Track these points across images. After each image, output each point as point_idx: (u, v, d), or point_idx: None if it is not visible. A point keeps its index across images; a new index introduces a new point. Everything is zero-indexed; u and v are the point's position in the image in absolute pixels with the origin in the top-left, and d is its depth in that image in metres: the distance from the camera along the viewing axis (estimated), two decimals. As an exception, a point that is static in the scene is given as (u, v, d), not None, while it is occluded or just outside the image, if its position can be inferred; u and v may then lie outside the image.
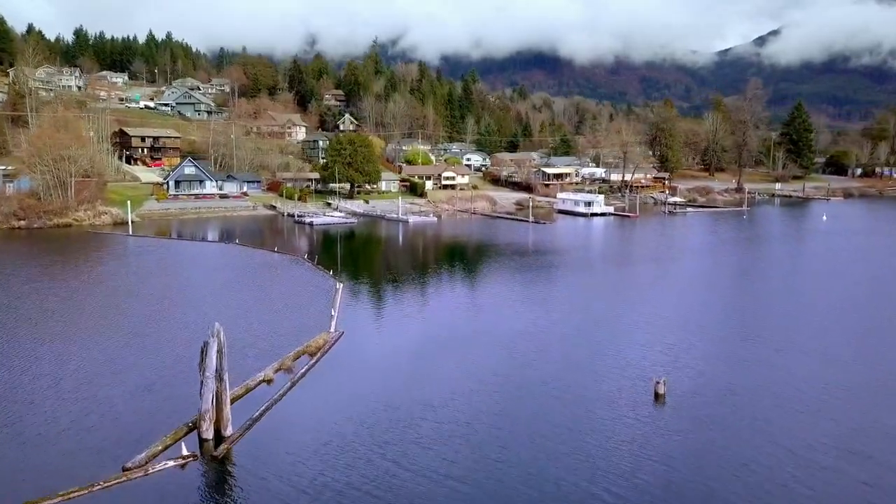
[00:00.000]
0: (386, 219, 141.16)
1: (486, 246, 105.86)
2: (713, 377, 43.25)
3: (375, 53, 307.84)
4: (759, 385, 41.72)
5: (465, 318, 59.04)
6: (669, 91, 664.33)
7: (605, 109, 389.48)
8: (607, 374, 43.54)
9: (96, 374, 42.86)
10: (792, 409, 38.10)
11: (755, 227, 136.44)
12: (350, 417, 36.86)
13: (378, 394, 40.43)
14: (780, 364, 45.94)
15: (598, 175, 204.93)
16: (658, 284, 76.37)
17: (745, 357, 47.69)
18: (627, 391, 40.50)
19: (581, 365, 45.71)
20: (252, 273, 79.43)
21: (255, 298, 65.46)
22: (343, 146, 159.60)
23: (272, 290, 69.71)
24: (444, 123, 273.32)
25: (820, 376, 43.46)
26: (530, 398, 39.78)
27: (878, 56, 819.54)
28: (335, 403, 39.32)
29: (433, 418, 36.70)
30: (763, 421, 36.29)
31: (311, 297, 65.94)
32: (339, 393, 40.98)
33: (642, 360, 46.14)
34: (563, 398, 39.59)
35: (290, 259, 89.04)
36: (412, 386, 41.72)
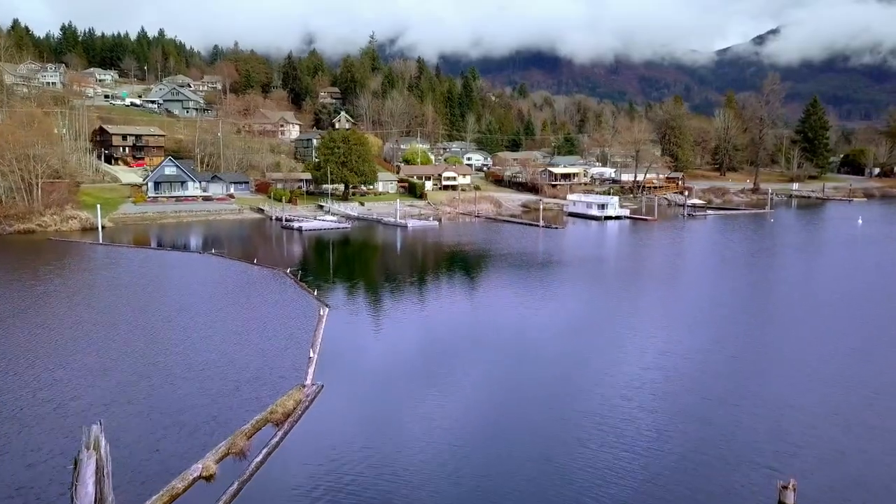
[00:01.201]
0: (383, 223, 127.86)
1: (495, 256, 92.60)
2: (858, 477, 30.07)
3: (373, 49, 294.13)
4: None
5: (484, 362, 45.77)
6: (669, 91, 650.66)
7: (606, 108, 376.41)
8: (714, 470, 30.04)
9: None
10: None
11: (787, 232, 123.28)
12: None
13: (369, 486, 27.39)
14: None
15: (608, 175, 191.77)
16: (728, 317, 63.08)
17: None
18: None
19: (672, 464, 30.49)
20: (222, 294, 66.03)
21: (214, 332, 51.99)
22: (336, 144, 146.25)
23: (240, 318, 56.29)
24: (443, 121, 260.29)
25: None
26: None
27: (879, 55, 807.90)
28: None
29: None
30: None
31: (288, 328, 52.57)
32: (312, 491, 27.82)
33: (759, 452, 31.68)
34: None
35: (271, 274, 75.71)
36: (418, 472, 28.69)
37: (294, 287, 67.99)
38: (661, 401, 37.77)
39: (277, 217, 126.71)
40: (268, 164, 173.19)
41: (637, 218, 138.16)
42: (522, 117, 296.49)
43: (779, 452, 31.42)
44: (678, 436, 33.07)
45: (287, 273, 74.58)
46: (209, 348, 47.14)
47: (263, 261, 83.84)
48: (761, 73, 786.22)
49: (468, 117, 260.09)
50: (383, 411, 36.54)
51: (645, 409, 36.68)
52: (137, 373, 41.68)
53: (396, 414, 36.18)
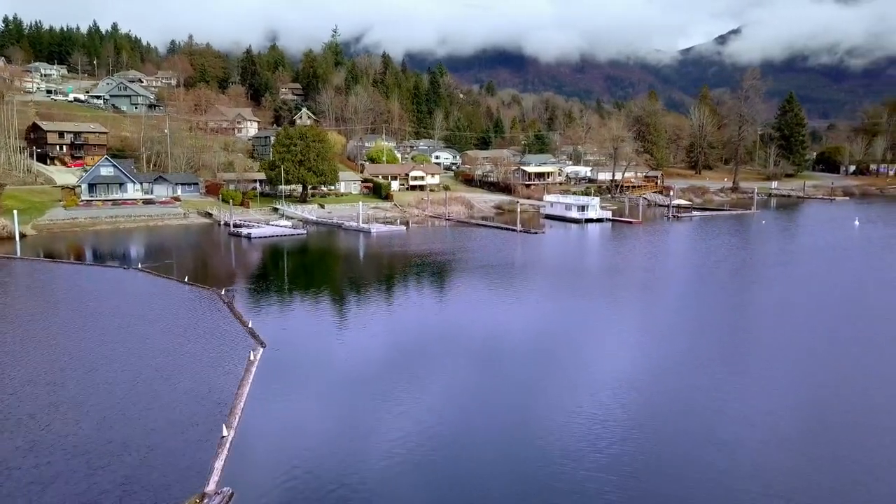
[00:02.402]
0: (344, 228, 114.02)
1: (470, 269, 79.59)
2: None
3: (336, 43, 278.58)
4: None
5: (455, 430, 32.82)
6: (634, 89, 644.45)
7: (574, 106, 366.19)
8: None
9: None
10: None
11: (783, 237, 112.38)
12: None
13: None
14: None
15: (584, 174, 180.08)
16: (745, 339, 50.77)
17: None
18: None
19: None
20: (132, 325, 51.84)
21: (101, 391, 38.13)
22: (293, 141, 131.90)
23: (145, 365, 42.29)
24: (410, 119, 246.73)
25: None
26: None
27: (836, 55, 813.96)
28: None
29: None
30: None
31: (202, 383, 38.72)
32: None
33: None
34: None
35: (202, 296, 61.62)
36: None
37: (226, 315, 54.09)
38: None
39: (226, 222, 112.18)
40: (220, 163, 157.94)
41: (620, 220, 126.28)
42: (491, 115, 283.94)
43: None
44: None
45: (221, 295, 60.57)
46: (98, 422, 33.26)
47: (198, 277, 69.78)
48: (723, 72, 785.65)
49: (436, 114, 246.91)
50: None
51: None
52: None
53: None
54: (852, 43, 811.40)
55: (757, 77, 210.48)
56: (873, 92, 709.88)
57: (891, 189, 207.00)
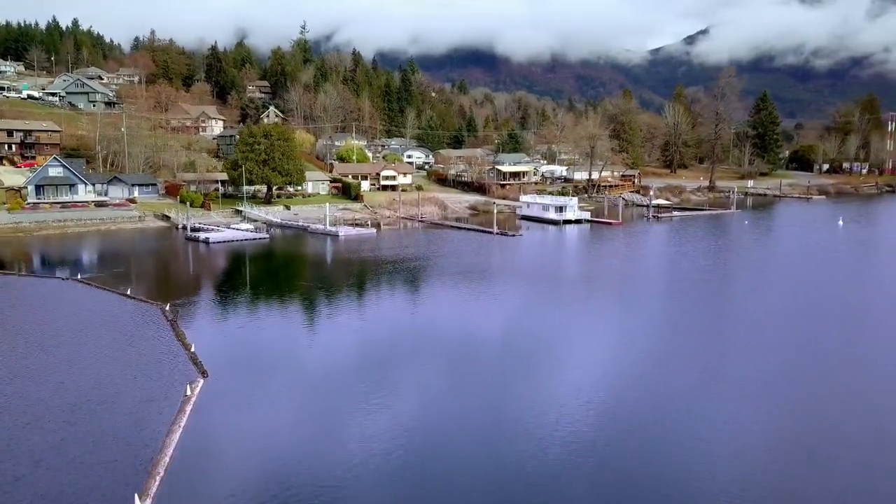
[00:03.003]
0: (310, 231, 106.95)
1: (445, 276, 73.30)
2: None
3: (304, 40, 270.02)
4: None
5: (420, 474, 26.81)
6: (605, 89, 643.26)
7: (547, 105, 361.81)
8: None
9: None
10: None
11: (770, 237, 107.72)
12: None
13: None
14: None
15: (560, 174, 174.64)
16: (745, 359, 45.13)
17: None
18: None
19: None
20: (53, 349, 44.53)
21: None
22: (257, 140, 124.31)
23: (56, 405, 35.24)
24: (381, 117, 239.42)
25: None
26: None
27: (802, 56, 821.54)
28: None
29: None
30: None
31: (126, 428, 31.86)
32: None
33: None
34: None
35: (144, 311, 54.41)
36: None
37: (166, 335, 47.03)
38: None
39: (185, 225, 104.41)
40: (181, 163, 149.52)
41: (599, 221, 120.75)
42: (464, 113, 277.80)
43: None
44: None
45: (165, 311, 53.45)
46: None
47: (145, 289, 62.52)
48: (692, 72, 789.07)
49: (408, 112, 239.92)
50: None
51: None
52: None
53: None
54: (817, 44, 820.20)
55: (732, 75, 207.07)
56: (838, 92, 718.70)
57: (865, 188, 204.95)
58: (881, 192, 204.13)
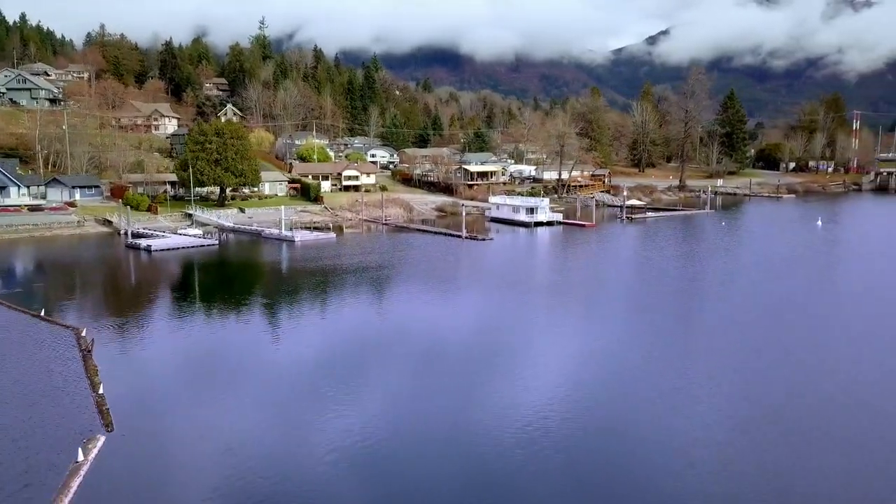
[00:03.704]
0: (263, 237, 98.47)
1: (410, 287, 65.86)
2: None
3: (263, 36, 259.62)
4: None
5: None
6: (569, 88, 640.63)
7: (513, 104, 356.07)
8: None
9: None
10: None
11: (751, 239, 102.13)
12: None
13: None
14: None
15: (529, 173, 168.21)
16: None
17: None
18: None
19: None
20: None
21: None
22: (208, 138, 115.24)
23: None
24: (343, 115, 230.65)
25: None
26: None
27: (759, 56, 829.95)
28: None
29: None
30: None
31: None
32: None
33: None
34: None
35: (56, 337, 45.84)
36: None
37: (75, 369, 38.70)
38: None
39: (128, 231, 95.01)
40: (129, 163, 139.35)
41: (572, 223, 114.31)
42: (429, 112, 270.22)
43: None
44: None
45: (81, 336, 45.00)
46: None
47: (62, 308, 53.90)
48: (654, 72, 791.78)
49: (371, 110, 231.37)
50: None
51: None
52: None
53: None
54: (774, 44, 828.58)
55: (702, 73, 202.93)
56: (794, 91, 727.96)
57: (833, 186, 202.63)
58: (848, 190, 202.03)
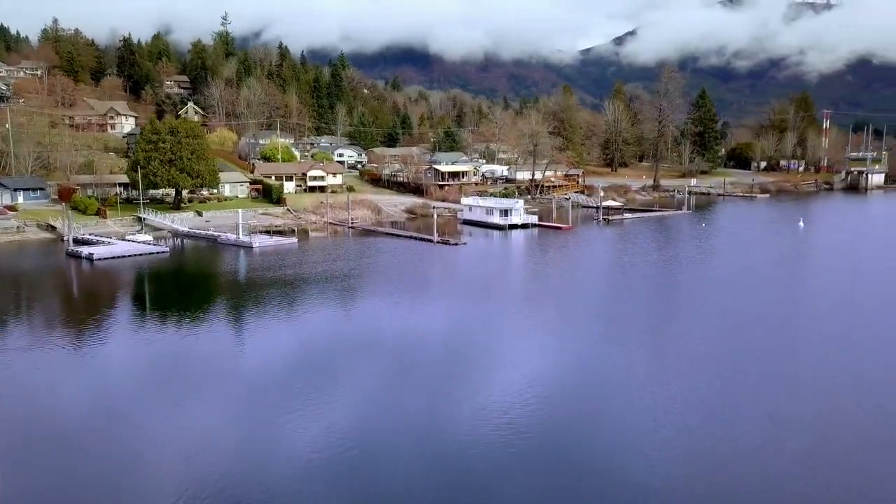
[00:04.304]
0: (219, 242, 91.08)
1: (380, 300, 59.41)
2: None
3: (226, 32, 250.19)
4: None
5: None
6: (538, 88, 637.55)
7: (483, 103, 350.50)
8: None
9: None
10: None
11: (735, 241, 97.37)
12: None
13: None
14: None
15: (501, 173, 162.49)
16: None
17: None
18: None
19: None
20: None
21: None
22: (161, 137, 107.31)
23: None
24: (310, 114, 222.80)
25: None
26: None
27: (724, 57, 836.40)
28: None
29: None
30: None
31: None
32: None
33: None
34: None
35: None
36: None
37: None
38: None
39: (69, 238, 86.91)
40: (79, 163, 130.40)
41: (548, 226, 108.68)
42: (398, 110, 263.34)
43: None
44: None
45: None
46: None
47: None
48: (622, 72, 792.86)
49: (338, 109, 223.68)
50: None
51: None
52: None
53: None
54: (738, 46, 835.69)
55: (675, 71, 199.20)
56: (757, 92, 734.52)
57: (805, 185, 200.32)
58: (819, 189, 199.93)
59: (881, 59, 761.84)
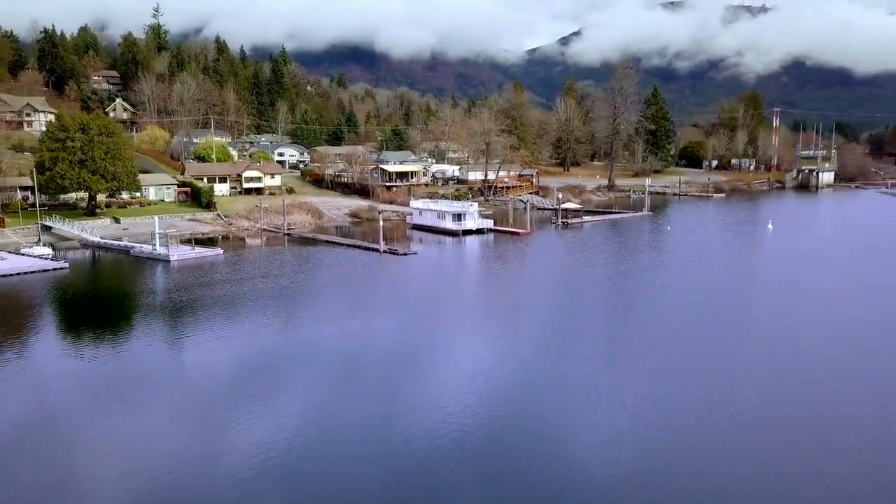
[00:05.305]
0: (133, 255, 78.71)
1: (314, 329, 48.76)
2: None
3: (158, 24, 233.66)
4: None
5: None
6: (485, 87, 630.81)
7: (431, 102, 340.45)
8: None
9: None
10: None
11: (706, 247, 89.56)
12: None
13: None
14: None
15: (452, 173, 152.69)
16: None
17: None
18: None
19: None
20: None
21: None
22: (70, 135, 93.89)
23: None
24: (249, 111, 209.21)
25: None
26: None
27: (666, 58, 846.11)
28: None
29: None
30: None
31: None
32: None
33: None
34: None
35: None
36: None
37: None
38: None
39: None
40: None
41: (504, 231, 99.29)
42: (343, 108, 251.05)
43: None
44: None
45: None
46: None
47: None
48: (567, 72, 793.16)
49: (279, 106, 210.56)
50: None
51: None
52: None
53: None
54: (679, 47, 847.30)
55: (629, 67, 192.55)
56: (697, 92, 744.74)
57: (757, 184, 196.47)
58: (772, 188, 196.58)
59: (814, 61, 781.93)
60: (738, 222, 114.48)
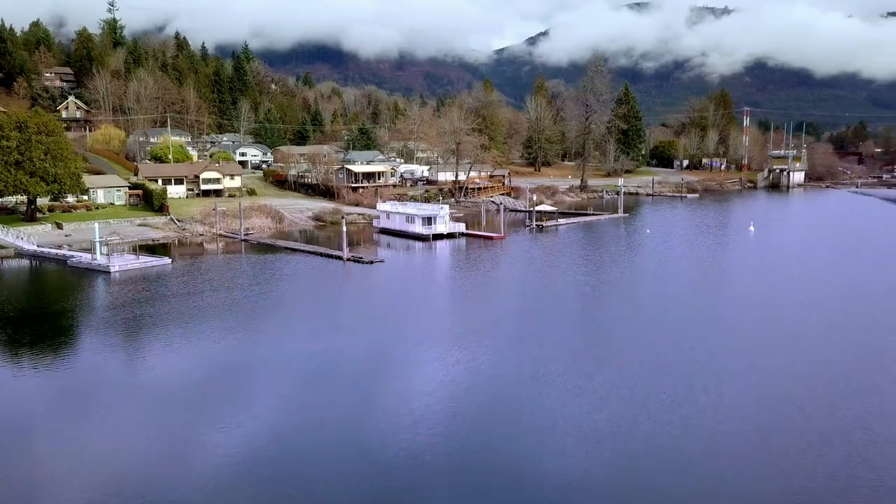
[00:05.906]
0: (70, 265, 71.22)
1: (265, 349, 42.35)
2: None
3: (114, 19, 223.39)
4: None
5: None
6: (453, 87, 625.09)
7: (399, 101, 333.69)
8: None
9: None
10: None
11: (690, 252, 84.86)
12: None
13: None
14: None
15: (421, 174, 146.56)
16: None
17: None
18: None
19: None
20: None
21: None
22: (5, 133, 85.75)
23: None
24: (210, 110, 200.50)
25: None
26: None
27: (632, 58, 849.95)
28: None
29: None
30: None
31: None
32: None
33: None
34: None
35: None
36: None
37: None
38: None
39: None
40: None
41: (477, 235, 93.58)
42: (309, 107, 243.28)
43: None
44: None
45: None
46: None
47: None
48: (535, 72, 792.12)
49: (242, 104, 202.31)
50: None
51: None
52: None
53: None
54: (645, 48, 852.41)
55: (601, 64, 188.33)
56: (663, 93, 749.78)
57: (729, 184, 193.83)
58: (744, 188, 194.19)
59: (775, 62, 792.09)
60: (718, 224, 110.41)
